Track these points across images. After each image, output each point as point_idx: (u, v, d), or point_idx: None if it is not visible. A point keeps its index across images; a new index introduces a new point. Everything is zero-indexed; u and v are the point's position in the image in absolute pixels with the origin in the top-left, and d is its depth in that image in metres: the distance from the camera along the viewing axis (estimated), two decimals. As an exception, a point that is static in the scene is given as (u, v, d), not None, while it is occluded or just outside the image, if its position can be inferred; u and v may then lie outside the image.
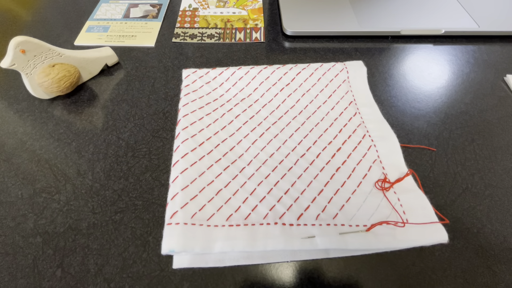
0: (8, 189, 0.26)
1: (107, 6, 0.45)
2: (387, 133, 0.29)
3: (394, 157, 0.27)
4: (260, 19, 0.43)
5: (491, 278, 0.22)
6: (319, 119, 0.30)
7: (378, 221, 0.23)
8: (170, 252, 0.21)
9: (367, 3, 0.43)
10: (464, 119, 0.31)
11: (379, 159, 0.27)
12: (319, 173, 0.26)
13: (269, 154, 0.27)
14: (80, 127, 0.30)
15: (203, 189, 0.24)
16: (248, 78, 0.33)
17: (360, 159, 0.27)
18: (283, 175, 0.26)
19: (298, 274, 0.22)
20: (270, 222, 0.23)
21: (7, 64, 0.29)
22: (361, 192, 0.25)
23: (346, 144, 0.28)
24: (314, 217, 0.23)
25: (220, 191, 0.24)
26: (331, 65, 0.35)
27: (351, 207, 0.24)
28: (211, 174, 0.25)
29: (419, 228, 0.23)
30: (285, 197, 0.24)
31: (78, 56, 0.32)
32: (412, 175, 0.26)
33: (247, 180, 0.25)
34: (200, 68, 0.35)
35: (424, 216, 0.23)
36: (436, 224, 0.23)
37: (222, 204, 0.24)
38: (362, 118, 0.30)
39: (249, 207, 0.24)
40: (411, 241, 0.22)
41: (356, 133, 0.29)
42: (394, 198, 0.24)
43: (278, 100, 0.32)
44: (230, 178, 0.25)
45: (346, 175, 0.26)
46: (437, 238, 0.22)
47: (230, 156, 0.27)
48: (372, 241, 0.22)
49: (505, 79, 0.35)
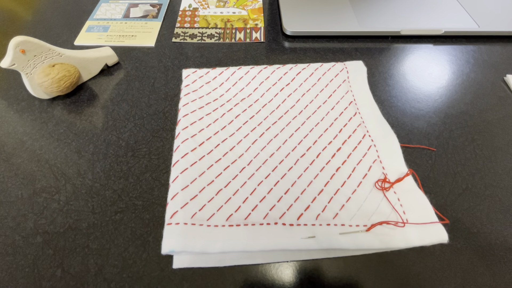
0: (8, 189, 0.26)
1: (107, 6, 0.45)
2: (387, 133, 0.29)
3: (394, 157, 0.27)
4: (260, 19, 0.43)
5: (491, 278, 0.22)
6: (319, 119, 0.30)
7: (378, 221, 0.23)
8: (170, 252, 0.20)
9: (367, 3, 0.43)
10: (464, 119, 0.31)
11: (379, 159, 0.27)
12: (319, 173, 0.26)
13: (269, 154, 0.27)
14: (80, 127, 0.30)
15: (203, 189, 0.24)
16: (248, 78, 0.33)
17: (360, 159, 0.27)
18: (283, 175, 0.26)
19: (298, 274, 0.22)
20: (270, 222, 0.23)
21: (7, 64, 0.29)
22: (361, 192, 0.25)
23: (346, 144, 0.28)
24: (314, 217, 0.23)
25: (220, 191, 0.24)
26: (331, 65, 0.35)
27: (351, 207, 0.24)
28: (211, 174, 0.25)
29: (419, 228, 0.23)
30: (285, 197, 0.24)
31: (78, 56, 0.32)
32: (412, 175, 0.26)
33: (247, 180, 0.25)
34: (200, 68, 0.35)
35: (424, 216, 0.23)
36: (436, 224, 0.23)
37: (222, 204, 0.24)
38: (362, 118, 0.30)
39: (249, 207, 0.24)
40: (411, 241, 0.22)
41: (356, 133, 0.29)
42: (394, 198, 0.24)
43: (278, 100, 0.32)
44: (230, 178, 0.25)
45: (346, 175, 0.26)
46: (437, 238, 0.22)
47: (230, 156, 0.27)
48: (372, 241, 0.22)
49: (505, 79, 0.35)
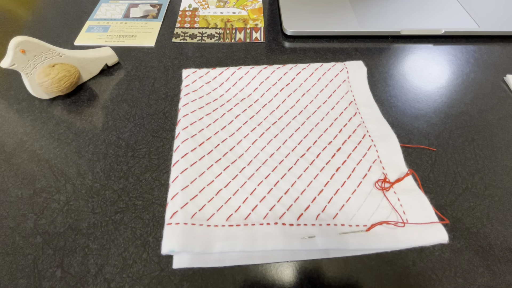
0: (8, 189, 0.26)
1: (107, 6, 0.45)
2: (387, 133, 0.29)
3: (394, 157, 0.27)
4: (260, 19, 0.43)
5: (491, 278, 0.22)
6: (319, 119, 0.30)
7: (378, 221, 0.23)
8: (170, 252, 0.20)
9: (367, 3, 0.43)
10: (464, 119, 0.31)
11: (379, 159, 0.27)
12: (319, 173, 0.26)
13: (269, 154, 0.27)
14: (80, 127, 0.30)
15: (203, 189, 0.24)
16: (248, 78, 0.33)
17: (360, 159, 0.27)
18: (283, 175, 0.26)
19: (298, 274, 0.22)
20: (270, 222, 0.23)
21: (7, 64, 0.29)
22: (361, 192, 0.25)
23: (346, 144, 0.28)
24: (314, 217, 0.23)
25: (220, 191, 0.24)
26: (331, 65, 0.35)
27: (351, 207, 0.24)
28: (211, 174, 0.25)
29: (419, 228, 0.23)
30: (285, 197, 0.24)
31: (78, 56, 0.32)
32: (412, 175, 0.26)
33: (247, 180, 0.25)
34: (200, 68, 0.35)
35: (424, 216, 0.23)
36: (436, 224, 0.23)
37: (222, 204, 0.24)
38: (362, 118, 0.30)
39: (249, 207, 0.24)
40: (411, 241, 0.22)
41: (356, 133, 0.29)
42: (394, 198, 0.24)
43: (278, 100, 0.32)
44: (230, 178, 0.25)
45: (346, 175, 0.26)
46: (437, 238, 0.22)
47: (230, 156, 0.27)
48: (372, 241, 0.22)
49: (505, 79, 0.35)
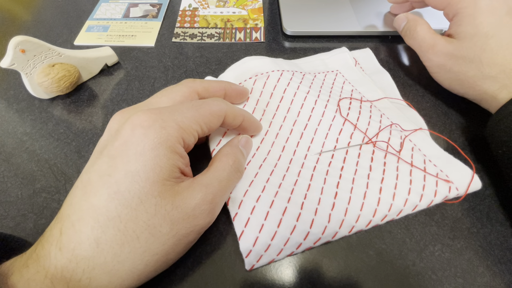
0: (8, 189, 0.26)
1: (107, 6, 0.45)
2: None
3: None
4: (260, 19, 0.43)
5: (491, 278, 0.22)
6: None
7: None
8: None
9: (367, 3, 0.43)
10: (464, 119, 0.31)
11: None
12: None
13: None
14: (80, 127, 0.30)
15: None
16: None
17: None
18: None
19: (298, 274, 0.22)
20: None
21: (7, 64, 0.28)
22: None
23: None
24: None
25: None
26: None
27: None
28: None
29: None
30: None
31: (78, 56, 0.32)
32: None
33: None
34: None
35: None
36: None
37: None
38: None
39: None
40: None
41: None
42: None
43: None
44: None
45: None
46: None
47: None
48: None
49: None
